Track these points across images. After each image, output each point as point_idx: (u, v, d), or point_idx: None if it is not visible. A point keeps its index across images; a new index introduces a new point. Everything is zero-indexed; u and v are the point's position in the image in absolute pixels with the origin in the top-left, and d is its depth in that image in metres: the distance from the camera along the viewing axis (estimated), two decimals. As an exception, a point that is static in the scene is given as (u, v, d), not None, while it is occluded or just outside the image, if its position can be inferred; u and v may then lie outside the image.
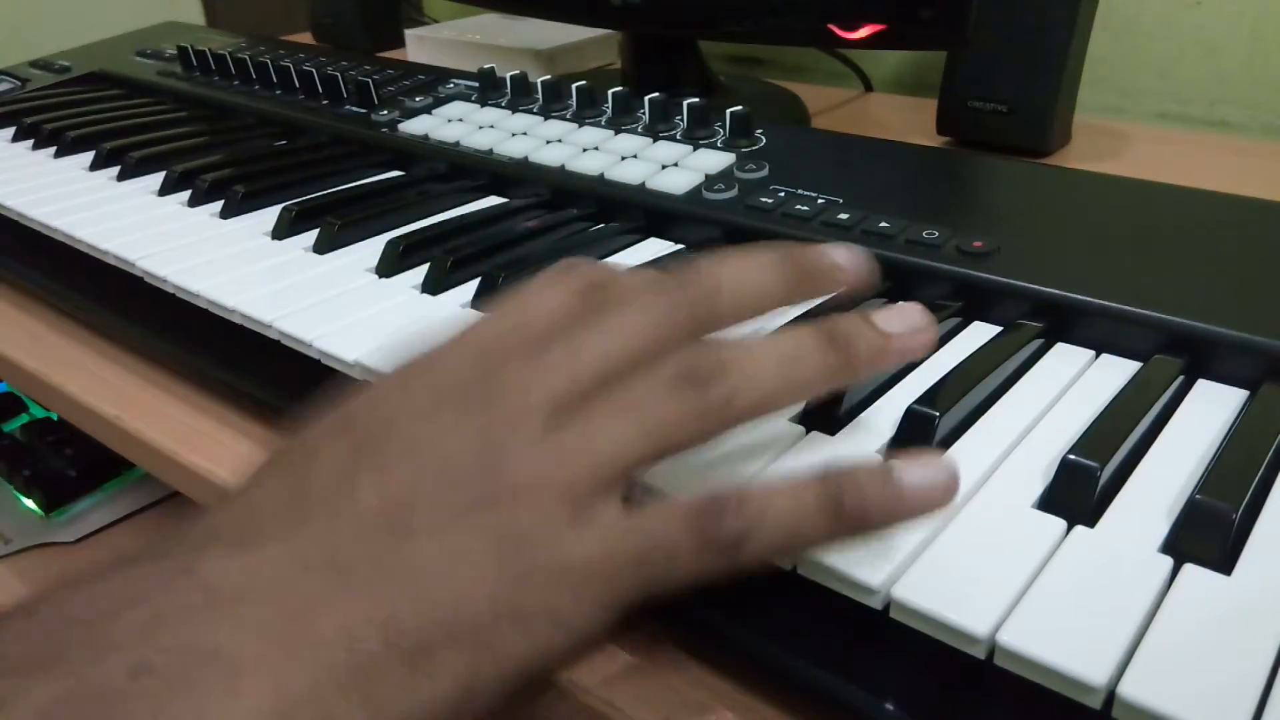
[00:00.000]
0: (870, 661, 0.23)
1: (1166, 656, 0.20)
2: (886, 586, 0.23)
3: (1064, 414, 0.30)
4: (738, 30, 0.62)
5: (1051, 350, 0.34)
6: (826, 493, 0.22)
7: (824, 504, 0.22)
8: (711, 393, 0.23)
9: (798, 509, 0.22)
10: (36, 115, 0.65)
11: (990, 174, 0.45)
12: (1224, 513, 0.23)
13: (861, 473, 0.23)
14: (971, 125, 0.63)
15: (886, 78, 0.84)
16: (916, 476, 0.22)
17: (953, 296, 0.36)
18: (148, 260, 0.43)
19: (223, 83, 0.68)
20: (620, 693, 0.25)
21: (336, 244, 0.44)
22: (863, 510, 0.22)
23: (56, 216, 0.48)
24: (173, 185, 0.52)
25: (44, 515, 0.76)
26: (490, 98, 0.58)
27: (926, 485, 0.22)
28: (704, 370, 0.23)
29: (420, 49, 0.94)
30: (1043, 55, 0.59)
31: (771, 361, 0.24)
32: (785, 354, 0.24)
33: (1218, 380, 0.31)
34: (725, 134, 0.49)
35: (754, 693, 0.25)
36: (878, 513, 0.22)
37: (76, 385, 0.41)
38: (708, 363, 0.23)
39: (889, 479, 0.22)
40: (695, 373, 0.23)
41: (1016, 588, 0.22)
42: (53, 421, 0.82)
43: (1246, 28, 0.67)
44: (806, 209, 0.41)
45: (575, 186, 0.47)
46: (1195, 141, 0.67)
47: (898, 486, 0.22)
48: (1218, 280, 0.34)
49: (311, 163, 0.55)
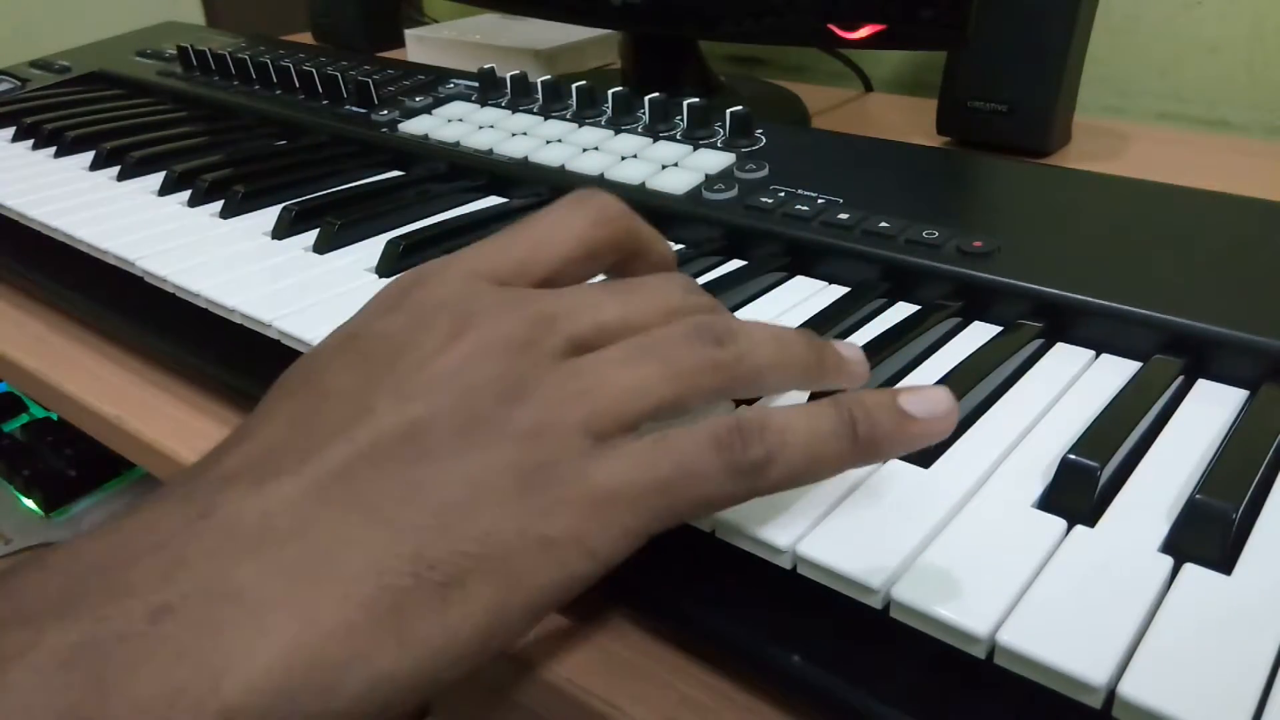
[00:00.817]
0: (870, 661, 0.23)
1: (1167, 656, 0.20)
2: (887, 586, 0.23)
3: (1064, 414, 0.30)
4: (738, 30, 0.63)
5: (1051, 350, 0.34)
6: (841, 418, 0.23)
7: (840, 429, 0.23)
8: (726, 349, 0.24)
9: (816, 433, 0.23)
10: (36, 115, 0.65)
11: (990, 174, 0.45)
12: (1224, 513, 0.23)
13: (870, 401, 0.23)
14: (971, 125, 0.63)
15: (886, 78, 0.84)
16: (918, 406, 0.23)
17: (953, 296, 0.36)
18: (148, 260, 0.43)
19: (223, 83, 0.68)
20: (621, 693, 0.25)
21: (336, 244, 0.44)
22: (874, 435, 0.23)
23: (56, 216, 0.48)
24: (173, 185, 0.52)
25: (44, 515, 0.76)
26: (490, 98, 0.58)
27: (927, 414, 0.23)
28: (719, 329, 0.24)
29: (420, 49, 0.94)
30: (1043, 55, 0.59)
31: (768, 341, 0.25)
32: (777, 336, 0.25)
33: (1218, 380, 0.31)
34: (725, 134, 0.49)
35: (754, 693, 0.25)
36: (887, 438, 0.23)
37: (76, 385, 0.41)
38: (723, 325, 0.24)
39: (895, 406, 0.23)
40: (711, 329, 0.24)
41: (1016, 587, 0.22)
42: (53, 421, 0.82)
43: (1246, 28, 0.67)
44: (806, 209, 0.41)
45: (575, 186, 0.47)
46: (1195, 141, 0.67)
47: (903, 414, 0.23)
48: (1218, 280, 0.34)
49: (311, 163, 0.55)
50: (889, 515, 0.25)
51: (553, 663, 0.26)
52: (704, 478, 0.22)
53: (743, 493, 0.22)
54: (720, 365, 0.24)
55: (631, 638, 0.27)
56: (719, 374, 0.24)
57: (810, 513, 0.25)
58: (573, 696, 0.25)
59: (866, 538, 0.24)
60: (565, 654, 0.26)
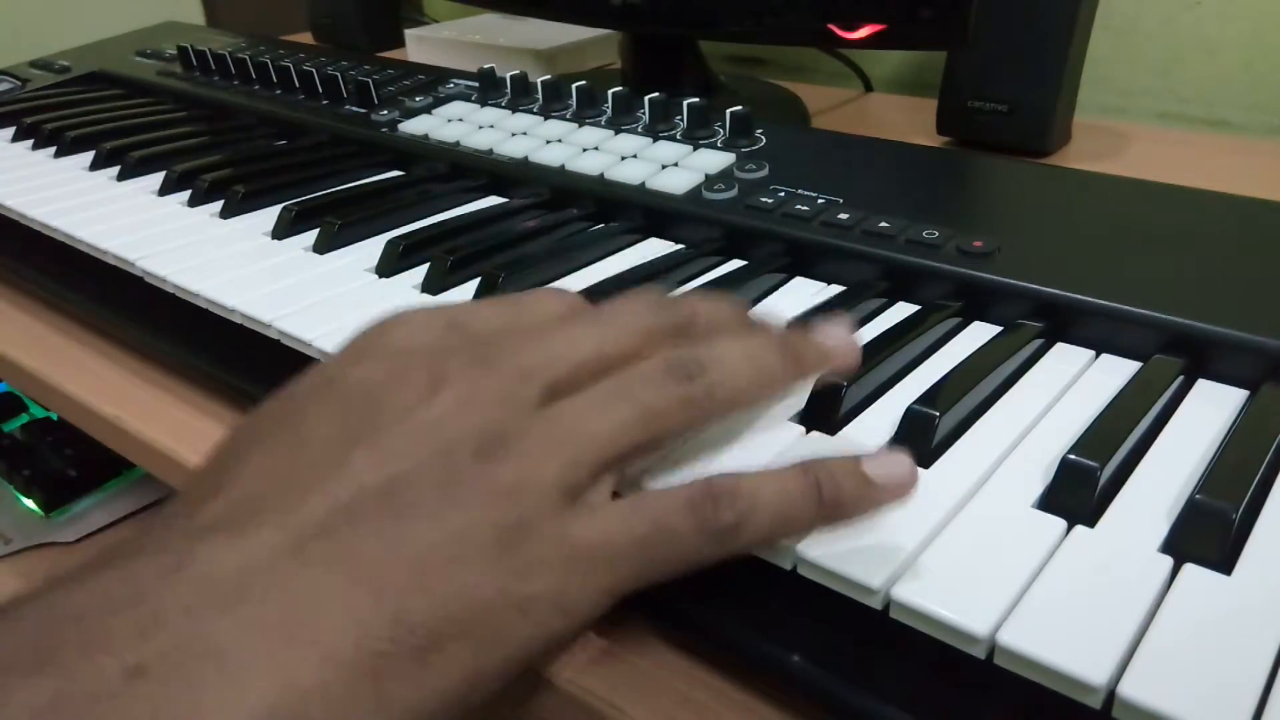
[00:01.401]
0: (870, 661, 0.23)
1: (1166, 656, 0.20)
2: (887, 587, 0.23)
3: (1064, 414, 0.30)
4: (738, 30, 0.62)
5: (1051, 350, 0.34)
6: (808, 483, 0.24)
7: (807, 493, 0.24)
8: (697, 384, 0.25)
9: (785, 498, 0.24)
10: (36, 115, 0.65)
11: (990, 174, 0.45)
12: (1224, 513, 0.23)
13: (835, 466, 0.24)
14: (971, 125, 0.63)
15: (886, 78, 0.84)
16: (879, 470, 0.24)
17: (953, 296, 0.36)
18: (148, 260, 0.43)
19: (223, 83, 0.68)
20: (622, 693, 0.25)
21: (336, 244, 0.44)
22: (838, 500, 0.24)
23: (56, 216, 0.48)
24: (173, 185, 0.52)
25: (44, 515, 0.76)
26: (490, 98, 0.58)
27: (887, 479, 0.24)
28: (689, 364, 0.25)
29: (420, 49, 0.94)
30: (1043, 55, 0.59)
31: (741, 365, 0.26)
32: None
33: (1218, 380, 0.31)
34: (725, 134, 0.49)
35: (754, 693, 0.25)
36: (851, 502, 0.24)
37: (76, 385, 0.41)
38: (692, 358, 0.25)
39: (859, 472, 0.24)
40: (682, 365, 0.25)
41: (1016, 587, 0.22)
42: (53, 421, 0.82)
43: (1246, 28, 0.67)
44: (806, 209, 0.41)
45: (575, 186, 0.47)
46: (1195, 141, 0.67)
47: (866, 479, 0.24)
48: (1218, 280, 0.34)
49: (311, 163, 0.55)
50: (889, 515, 0.25)
51: (554, 663, 0.26)
52: (678, 538, 0.23)
53: (716, 553, 0.23)
54: (692, 401, 0.24)
55: (632, 638, 0.27)
56: (691, 409, 0.24)
57: (810, 513, 0.25)
58: (573, 696, 0.25)
59: (866, 538, 0.24)
60: (566, 655, 0.26)
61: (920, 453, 0.28)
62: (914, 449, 0.28)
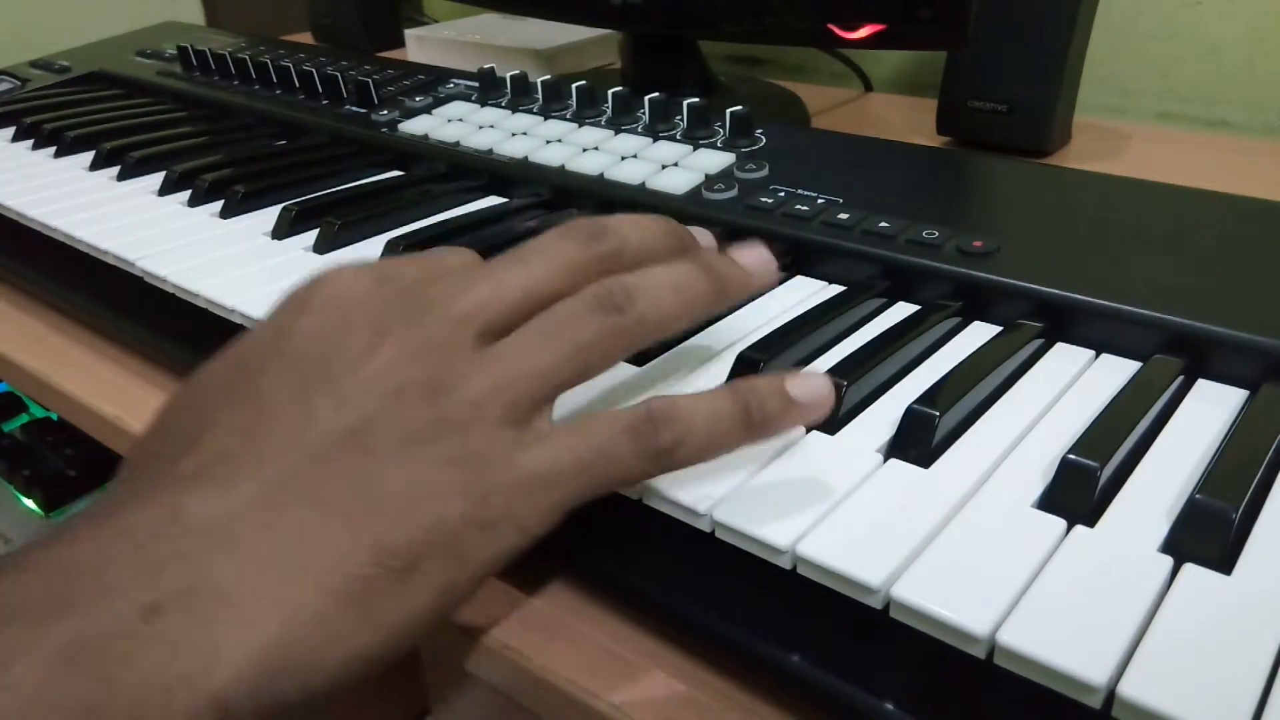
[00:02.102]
0: (870, 661, 0.23)
1: (1167, 656, 0.20)
2: (886, 586, 0.23)
3: (1064, 414, 0.30)
4: (738, 30, 0.63)
5: (1051, 350, 0.34)
6: (738, 404, 0.26)
7: (736, 413, 0.26)
8: (626, 314, 0.26)
9: (718, 420, 0.25)
10: (36, 115, 0.65)
11: (990, 174, 0.45)
12: (1224, 512, 0.23)
13: (762, 386, 0.26)
14: (971, 125, 0.63)
15: (886, 78, 0.84)
16: (801, 390, 0.26)
17: (953, 296, 0.36)
18: (148, 260, 0.43)
19: (223, 83, 0.68)
20: (621, 693, 0.25)
21: (336, 244, 0.44)
22: (765, 418, 0.26)
23: (56, 216, 0.48)
24: (173, 185, 0.52)
25: (44, 515, 0.76)
26: (490, 98, 0.58)
27: (808, 398, 0.27)
28: (616, 294, 0.26)
29: (420, 49, 0.94)
30: (1043, 55, 0.59)
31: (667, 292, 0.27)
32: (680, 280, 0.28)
33: (1218, 380, 0.31)
34: (725, 134, 0.49)
35: (754, 693, 0.25)
36: (775, 419, 0.26)
37: (76, 385, 0.41)
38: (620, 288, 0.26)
39: (783, 390, 0.26)
40: (610, 296, 0.26)
41: (1016, 587, 0.22)
42: (53, 421, 0.82)
43: (1246, 28, 0.67)
44: (806, 209, 0.41)
45: (575, 186, 0.47)
46: (1195, 141, 0.67)
47: (789, 397, 0.26)
48: (1218, 280, 0.34)
49: (311, 163, 0.55)
50: (889, 515, 0.25)
51: (553, 663, 0.26)
52: (619, 460, 0.25)
53: (654, 470, 0.25)
54: (621, 330, 0.26)
55: (632, 638, 0.27)
56: (621, 339, 0.26)
57: (810, 512, 0.25)
58: (573, 696, 0.25)
59: (866, 537, 0.24)
60: (566, 654, 0.26)
61: (920, 453, 0.28)
62: (914, 449, 0.28)
